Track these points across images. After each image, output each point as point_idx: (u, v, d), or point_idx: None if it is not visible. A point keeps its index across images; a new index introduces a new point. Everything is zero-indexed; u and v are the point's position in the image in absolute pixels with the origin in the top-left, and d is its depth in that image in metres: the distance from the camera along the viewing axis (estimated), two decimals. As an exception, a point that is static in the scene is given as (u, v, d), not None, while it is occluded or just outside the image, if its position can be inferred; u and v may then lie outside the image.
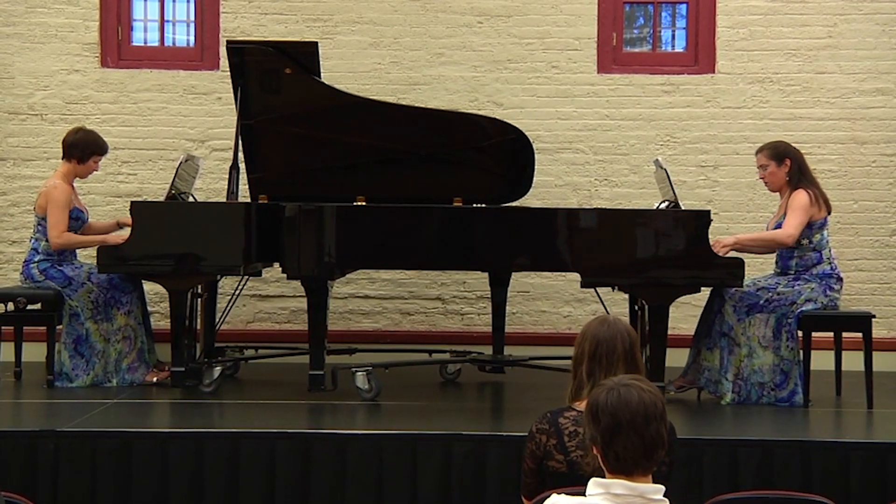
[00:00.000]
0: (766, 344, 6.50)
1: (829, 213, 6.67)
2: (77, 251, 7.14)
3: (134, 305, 6.94)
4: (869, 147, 8.28)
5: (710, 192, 8.27)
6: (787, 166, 6.68)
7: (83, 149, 6.99)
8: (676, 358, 6.71)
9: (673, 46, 8.62)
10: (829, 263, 6.61)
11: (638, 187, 8.23)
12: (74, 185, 7.14)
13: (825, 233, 6.63)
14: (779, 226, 6.64)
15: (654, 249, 6.50)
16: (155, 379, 6.88)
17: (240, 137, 7.00)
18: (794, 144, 6.92)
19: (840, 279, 6.62)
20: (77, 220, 6.97)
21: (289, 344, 7.78)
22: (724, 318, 6.55)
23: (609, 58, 8.33)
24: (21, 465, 5.34)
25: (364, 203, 6.80)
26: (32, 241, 7.01)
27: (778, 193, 6.83)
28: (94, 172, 7.19)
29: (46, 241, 6.91)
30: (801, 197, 6.58)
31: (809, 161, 6.97)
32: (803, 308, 6.49)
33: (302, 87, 7.02)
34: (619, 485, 2.84)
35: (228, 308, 7.45)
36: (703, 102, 8.30)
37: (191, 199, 7.21)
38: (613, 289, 7.00)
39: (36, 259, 6.91)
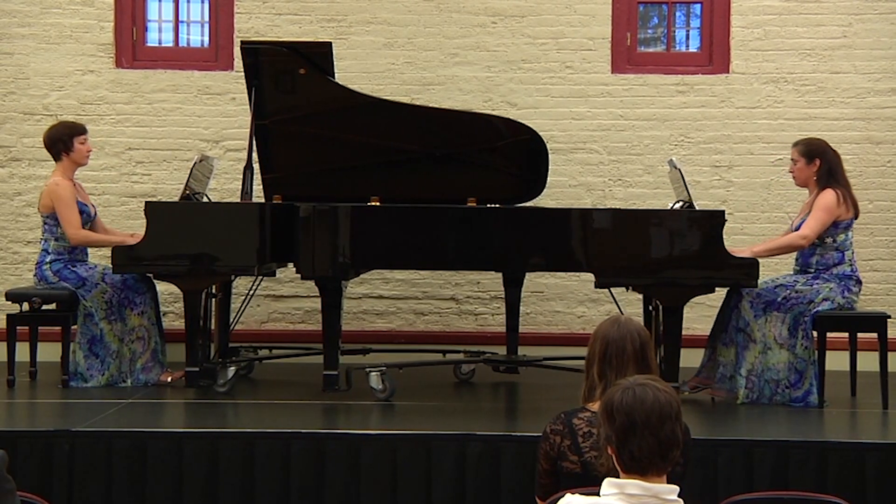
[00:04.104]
0: (782, 342, 6.49)
1: (856, 216, 6.64)
2: (88, 250, 7.15)
3: (147, 306, 6.95)
4: (884, 147, 8.25)
5: (725, 192, 8.25)
6: (816, 166, 6.67)
7: (61, 138, 6.99)
8: (691, 358, 6.70)
9: (687, 46, 8.60)
10: (850, 265, 6.59)
11: (652, 187, 8.22)
12: (79, 182, 7.15)
13: (850, 234, 6.61)
14: (803, 222, 6.62)
15: (669, 250, 6.49)
16: (169, 379, 6.90)
17: (254, 138, 7.01)
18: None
19: (859, 282, 6.60)
20: (82, 213, 6.96)
21: (303, 344, 7.79)
22: (740, 314, 6.54)
23: (623, 58, 8.32)
24: (36, 465, 5.36)
25: (378, 203, 6.80)
26: (42, 241, 7.03)
27: (806, 190, 6.80)
28: (90, 152, 7.11)
29: (55, 240, 6.93)
30: (827, 197, 6.55)
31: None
32: (819, 307, 6.48)
33: (316, 87, 7.03)
34: (634, 485, 2.84)
35: (243, 308, 7.46)
36: (717, 102, 8.28)
37: (205, 200, 7.22)
38: (627, 289, 7.00)
39: (48, 260, 6.92)
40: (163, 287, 7.19)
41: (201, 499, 5.41)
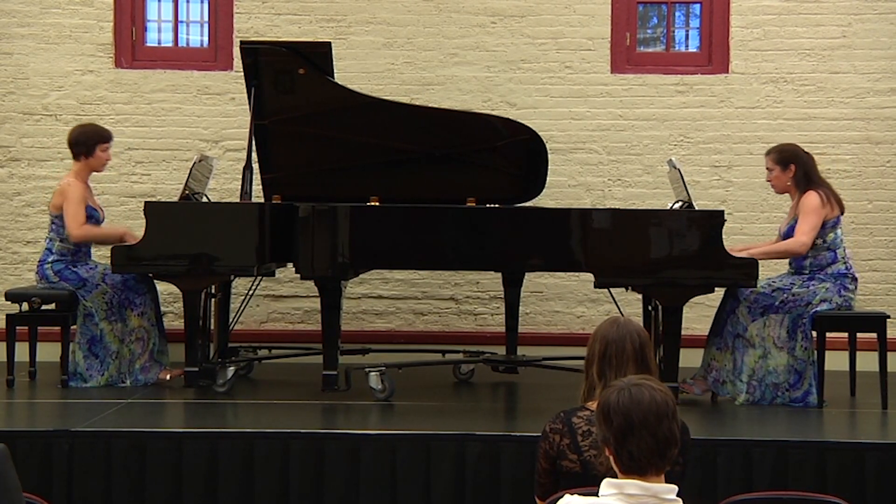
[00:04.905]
0: (781, 345, 6.48)
1: (842, 213, 6.65)
2: (91, 251, 7.15)
3: (147, 307, 6.95)
4: (883, 147, 8.25)
5: (724, 192, 8.25)
6: (792, 171, 6.67)
7: (86, 142, 6.99)
8: (690, 358, 6.70)
9: (686, 46, 8.60)
10: (844, 263, 6.59)
11: (651, 187, 8.22)
12: (90, 184, 7.16)
13: (839, 231, 6.61)
14: (791, 228, 6.63)
15: (668, 250, 6.49)
16: (168, 376, 6.89)
17: (253, 138, 7.01)
18: (808, 145, 6.93)
19: (855, 279, 6.61)
20: (90, 217, 6.97)
21: (302, 344, 7.79)
22: (737, 320, 6.54)
23: (622, 58, 8.32)
24: (36, 465, 5.36)
25: (377, 203, 6.80)
26: (47, 240, 7.04)
27: (787, 195, 6.82)
28: (109, 163, 7.17)
29: (60, 240, 6.93)
30: (811, 199, 6.56)
31: (824, 161, 6.98)
32: (818, 308, 6.48)
33: (315, 87, 7.03)
34: (633, 485, 2.84)
35: (242, 308, 7.47)
36: (716, 102, 8.28)
37: (204, 200, 7.22)
38: (627, 289, 6.99)
39: (50, 259, 6.92)
40: (162, 287, 7.18)
41: (201, 499, 5.41)
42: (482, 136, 7.20)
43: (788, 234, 6.64)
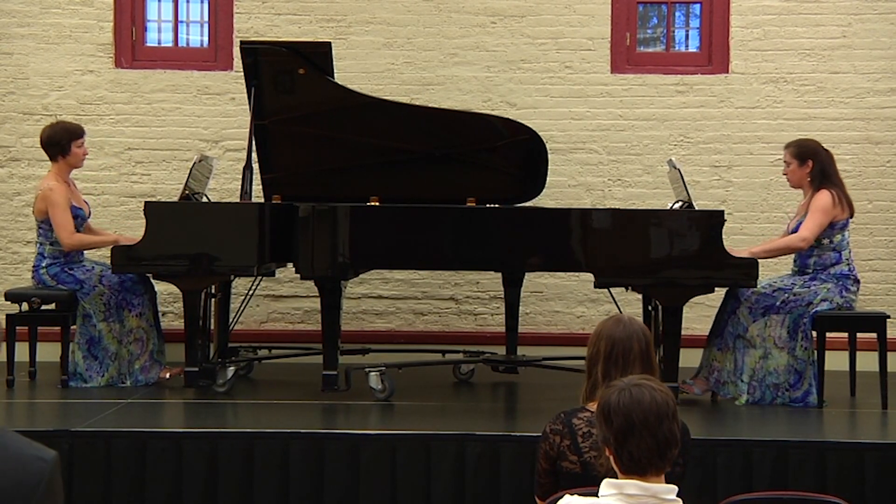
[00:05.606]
0: (782, 345, 6.48)
1: (851, 215, 6.64)
2: (84, 252, 7.12)
3: (145, 308, 6.94)
4: (883, 147, 8.25)
5: (724, 192, 8.25)
6: (809, 167, 6.67)
7: (59, 142, 6.94)
8: (690, 358, 6.70)
9: (686, 46, 8.60)
10: (848, 265, 6.59)
11: (651, 187, 8.22)
12: (75, 181, 7.14)
13: (846, 234, 6.62)
14: (800, 224, 6.62)
15: (668, 250, 6.49)
16: (168, 375, 6.89)
17: (253, 138, 7.01)
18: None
19: (857, 281, 6.61)
20: (77, 217, 6.93)
21: (302, 344, 7.79)
22: (738, 320, 6.54)
23: (622, 58, 8.32)
24: (35, 465, 5.35)
25: (377, 203, 6.80)
26: (38, 245, 7.00)
27: (801, 191, 6.81)
28: (87, 155, 7.09)
29: (50, 244, 6.90)
30: (823, 198, 6.55)
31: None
32: (818, 308, 6.48)
33: (315, 87, 7.03)
34: (632, 485, 2.84)
35: (242, 308, 7.46)
36: (716, 102, 8.28)
37: (204, 200, 7.22)
38: (627, 289, 7.00)
39: (44, 264, 6.90)
40: (162, 287, 7.18)
41: (201, 499, 5.41)
42: (482, 136, 7.20)
43: (796, 230, 6.64)
